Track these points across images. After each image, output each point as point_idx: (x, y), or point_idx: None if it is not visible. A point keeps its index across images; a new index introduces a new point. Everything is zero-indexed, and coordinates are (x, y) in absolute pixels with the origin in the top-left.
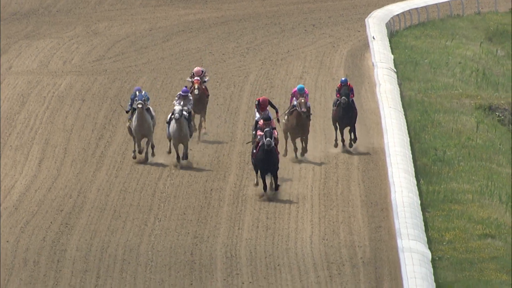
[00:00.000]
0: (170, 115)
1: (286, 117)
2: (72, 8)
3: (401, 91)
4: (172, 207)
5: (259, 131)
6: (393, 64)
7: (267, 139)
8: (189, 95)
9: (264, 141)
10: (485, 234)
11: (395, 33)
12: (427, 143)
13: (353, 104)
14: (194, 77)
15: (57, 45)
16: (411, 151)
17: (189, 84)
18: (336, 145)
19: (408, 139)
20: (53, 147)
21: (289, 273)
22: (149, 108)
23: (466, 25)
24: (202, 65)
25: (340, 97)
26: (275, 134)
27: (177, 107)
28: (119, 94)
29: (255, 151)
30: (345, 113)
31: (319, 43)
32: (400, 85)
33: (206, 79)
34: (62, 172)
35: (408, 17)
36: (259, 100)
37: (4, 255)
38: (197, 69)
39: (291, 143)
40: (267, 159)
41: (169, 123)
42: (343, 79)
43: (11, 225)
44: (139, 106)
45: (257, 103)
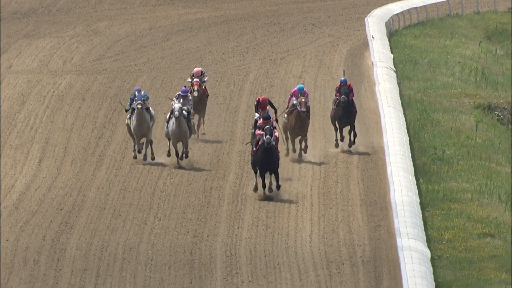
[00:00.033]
0: (169, 113)
1: (286, 116)
2: (72, 8)
3: (400, 90)
4: (172, 206)
5: (258, 130)
6: (392, 63)
7: (267, 136)
8: (189, 95)
9: (264, 139)
10: (484, 233)
11: (395, 32)
12: (427, 142)
13: (353, 103)
14: (194, 79)
15: (57, 44)
16: (410, 150)
17: (189, 85)
18: (337, 146)
19: (408, 138)
20: (53, 146)
21: (288, 272)
22: (148, 107)
23: (465, 24)
24: (202, 64)
25: (339, 96)
26: (275, 133)
27: (177, 104)
28: (119, 93)
29: (255, 149)
30: (345, 112)
31: (319, 42)
32: (399, 84)
33: (205, 79)
34: (62, 171)
35: (408, 16)
36: (259, 99)
37: (4, 254)
38: (196, 69)
39: (291, 142)
40: (267, 157)
41: (168, 122)
42: (342, 79)
43: (11, 224)
44: (139, 106)
45: (256, 103)
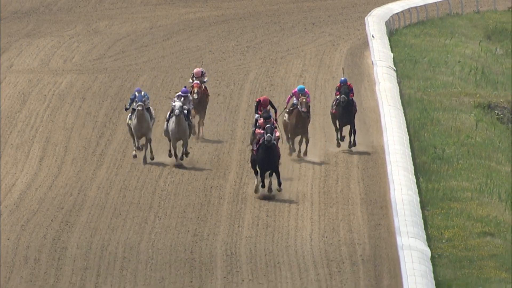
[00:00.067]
0: (169, 112)
1: (287, 116)
2: (72, 7)
3: (400, 89)
4: (172, 205)
5: (258, 129)
6: (392, 63)
7: (268, 135)
8: (189, 95)
9: (264, 137)
10: (484, 232)
11: (395, 31)
12: (427, 141)
13: (353, 102)
14: (194, 81)
15: (57, 43)
16: (410, 149)
17: (190, 86)
18: (338, 145)
19: (408, 137)
20: (53, 145)
21: (289, 270)
22: (149, 107)
23: (465, 23)
24: (203, 63)
25: (339, 96)
26: (276, 132)
27: (177, 103)
28: (119, 93)
29: (255, 148)
30: (345, 112)
31: (319, 41)
32: (399, 83)
33: (205, 80)
34: (63, 170)
35: (408, 15)
36: (259, 100)
37: (5, 253)
38: (197, 70)
39: (296, 141)
40: (267, 156)
41: (168, 120)
42: (342, 79)
43: (12, 223)
44: (139, 108)
45: (256, 103)
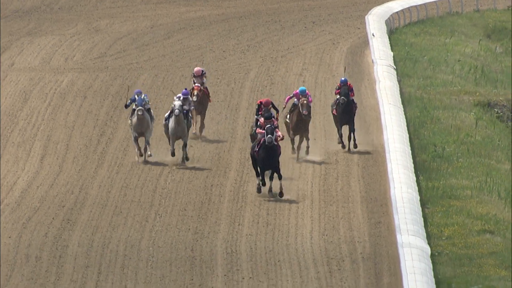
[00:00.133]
0: (169, 112)
1: (288, 116)
2: (73, 6)
3: (400, 88)
4: (173, 203)
5: (260, 129)
6: (392, 61)
7: (269, 136)
8: (189, 97)
9: (265, 138)
10: (484, 230)
11: (395, 30)
12: (427, 139)
13: (353, 102)
14: (195, 83)
15: (59, 42)
16: (410, 148)
17: (192, 86)
18: (343, 147)
19: (408, 135)
20: (55, 143)
21: (289, 268)
22: (149, 108)
23: (465, 22)
24: (203, 62)
25: (339, 97)
26: (277, 132)
27: (177, 102)
28: (120, 91)
29: (256, 148)
30: (344, 111)
31: (319, 40)
32: (399, 82)
33: (204, 81)
34: (64, 169)
35: (408, 14)
36: (261, 102)
37: (6, 251)
38: (197, 69)
39: (296, 142)
40: (268, 156)
41: (168, 120)
42: (342, 79)
43: (13, 221)
44: (139, 113)
45: (257, 106)
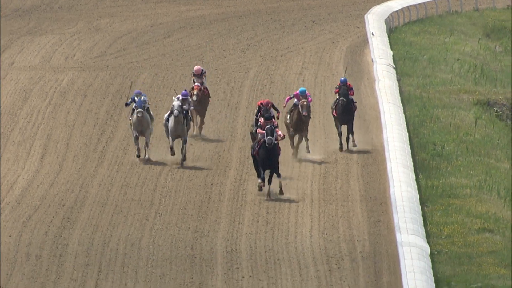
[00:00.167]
0: (169, 112)
1: (288, 116)
2: (74, 5)
3: (400, 87)
4: (173, 202)
5: (260, 129)
6: (392, 60)
7: (269, 137)
8: (189, 98)
9: (265, 139)
10: (483, 229)
11: (394, 29)
12: (426, 138)
13: (353, 103)
14: (195, 82)
15: (59, 41)
16: (410, 146)
17: (192, 86)
18: (341, 149)
19: (407, 134)
20: (55, 142)
21: (289, 267)
22: (148, 108)
23: (464, 21)
24: (203, 61)
25: (339, 97)
26: (278, 132)
27: (176, 102)
28: (120, 90)
29: (257, 148)
30: (344, 111)
31: (319, 39)
32: (399, 80)
33: (204, 80)
34: (64, 167)
35: (407, 13)
36: (262, 103)
37: (6, 250)
38: (197, 67)
39: (294, 141)
40: (268, 156)
41: (167, 120)
42: (342, 78)
43: (14, 219)
44: (139, 115)
45: (258, 108)
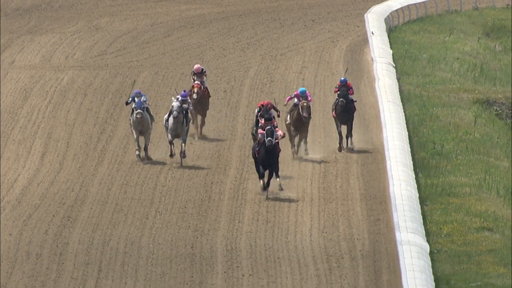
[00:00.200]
0: (168, 113)
1: (288, 116)
2: (74, 4)
3: (399, 86)
4: (173, 201)
5: (260, 130)
6: (392, 59)
7: (268, 138)
8: (188, 98)
9: (265, 140)
10: (482, 227)
11: (394, 28)
12: (426, 137)
13: (352, 103)
14: (194, 81)
15: (59, 40)
16: (409, 145)
17: (192, 85)
18: (340, 150)
19: (407, 133)
20: (55, 141)
21: (288, 266)
22: (148, 108)
23: (464, 20)
24: (203, 60)
25: (338, 98)
26: (278, 132)
27: (175, 103)
28: (120, 89)
29: (257, 148)
30: (343, 111)
31: (319, 38)
32: (398, 79)
33: (204, 80)
34: (64, 166)
35: (407, 12)
36: (262, 104)
37: (7, 248)
38: (197, 66)
39: (295, 140)
40: (268, 157)
41: (167, 120)
42: (342, 78)
43: (14, 218)
44: (138, 116)
45: (258, 109)
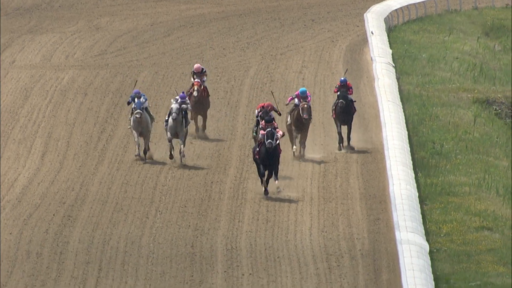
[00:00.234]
0: (168, 114)
1: (289, 117)
2: (74, 3)
3: (399, 85)
4: (173, 200)
5: (262, 131)
6: (391, 59)
7: (269, 141)
8: (187, 99)
9: (265, 142)
10: (482, 227)
11: (394, 28)
12: (425, 136)
13: (352, 104)
14: (194, 79)
15: (59, 39)
16: (409, 145)
17: (192, 85)
18: (340, 149)
19: (406, 132)
20: (55, 140)
21: (288, 265)
22: (147, 108)
23: (463, 20)
24: (203, 59)
25: (338, 99)
26: (278, 132)
27: (175, 105)
28: (120, 88)
29: (257, 149)
30: (343, 111)
31: (318, 38)
32: (398, 79)
33: (204, 79)
34: (65, 165)
35: (406, 12)
36: (262, 106)
37: (7, 247)
38: (197, 65)
39: (296, 140)
40: (268, 158)
41: (167, 121)
42: (342, 78)
43: (14, 217)
44: (137, 116)
45: (258, 110)
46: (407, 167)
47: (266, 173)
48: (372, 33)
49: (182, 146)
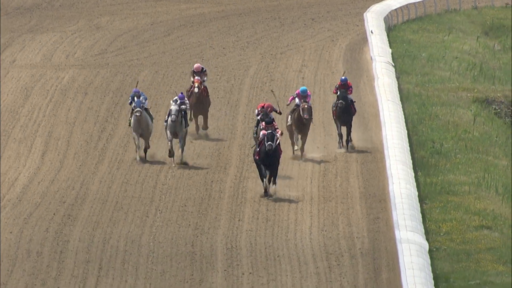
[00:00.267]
0: (167, 115)
1: (289, 117)
2: (74, 3)
3: (399, 85)
4: (173, 199)
5: (263, 131)
6: (391, 58)
7: (269, 143)
8: (186, 100)
9: (265, 144)
10: (481, 226)
11: (393, 27)
12: (425, 135)
13: (352, 104)
14: (195, 77)
15: (60, 39)
16: (408, 144)
17: (192, 84)
18: (340, 147)
19: (406, 131)
20: (56, 139)
21: (288, 264)
22: (147, 108)
23: (463, 19)
24: (203, 59)
25: (338, 99)
26: (278, 132)
27: (174, 107)
28: (121, 88)
29: (258, 149)
30: (343, 112)
31: (318, 37)
32: (398, 78)
33: (205, 79)
34: (65, 165)
35: (406, 11)
36: (262, 106)
37: (7, 246)
38: (197, 65)
39: (297, 141)
40: (268, 159)
41: (166, 121)
42: (342, 78)
43: (15, 216)
44: (137, 114)
45: (258, 111)
46: (406, 166)
47: (268, 173)
48: (371, 32)
49: (180, 150)
